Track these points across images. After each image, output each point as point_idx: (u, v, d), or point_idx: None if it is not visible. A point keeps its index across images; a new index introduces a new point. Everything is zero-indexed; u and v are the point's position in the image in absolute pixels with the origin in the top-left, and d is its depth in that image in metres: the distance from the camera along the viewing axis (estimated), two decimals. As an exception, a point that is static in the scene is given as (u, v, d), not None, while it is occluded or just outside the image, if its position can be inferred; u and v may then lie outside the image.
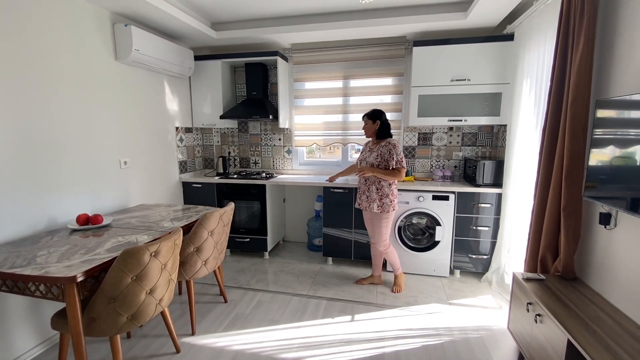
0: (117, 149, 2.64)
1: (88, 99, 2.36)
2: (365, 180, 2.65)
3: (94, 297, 1.50)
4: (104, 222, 2.10)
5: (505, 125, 2.99)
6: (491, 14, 2.63)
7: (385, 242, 2.68)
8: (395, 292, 2.75)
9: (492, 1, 2.40)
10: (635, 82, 1.50)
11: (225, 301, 2.61)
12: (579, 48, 1.68)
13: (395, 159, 2.52)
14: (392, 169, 2.53)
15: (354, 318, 2.39)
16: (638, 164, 1.38)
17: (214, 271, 2.49)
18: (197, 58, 3.46)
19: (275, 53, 3.34)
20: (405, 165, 2.55)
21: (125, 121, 2.73)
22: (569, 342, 1.37)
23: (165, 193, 3.27)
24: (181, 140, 3.52)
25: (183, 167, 3.57)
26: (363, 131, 2.69)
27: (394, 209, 2.61)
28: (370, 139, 2.74)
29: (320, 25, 3.01)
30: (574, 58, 1.72)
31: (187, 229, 2.17)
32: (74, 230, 2.02)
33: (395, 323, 2.32)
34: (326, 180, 3.10)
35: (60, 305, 2.07)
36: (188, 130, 3.65)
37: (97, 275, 1.58)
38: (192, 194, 3.53)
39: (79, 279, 1.39)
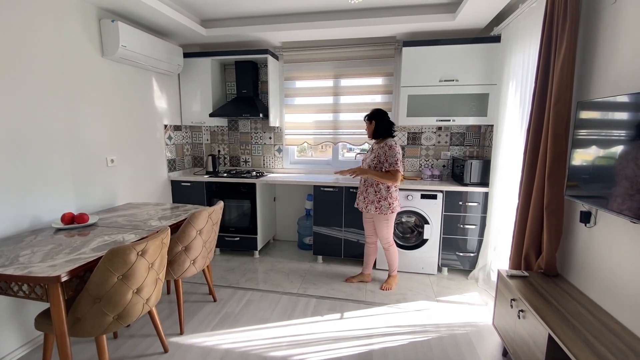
0: (103, 146, 2.60)
1: (73, 96, 2.32)
2: (364, 181, 2.65)
3: (79, 297, 1.48)
4: (90, 221, 2.07)
5: (492, 126, 3.04)
6: (479, 15, 2.68)
7: (389, 240, 2.72)
8: (384, 290, 2.77)
9: (480, 3, 2.43)
10: (616, 84, 1.55)
11: (215, 300, 2.60)
12: (562, 51, 1.72)
13: (388, 161, 2.48)
14: (386, 171, 2.50)
15: (343, 316, 2.41)
16: (616, 164, 1.43)
17: (203, 270, 2.47)
18: (187, 55, 3.42)
19: (265, 51, 3.32)
20: (400, 168, 2.47)
21: (112, 118, 2.68)
22: (549, 336, 1.41)
23: (153, 192, 3.23)
24: (170, 138, 3.48)
25: (172, 165, 3.53)
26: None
27: (392, 212, 2.58)
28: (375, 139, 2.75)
29: (310, 25, 3.01)
30: (557, 61, 1.76)
31: (176, 228, 2.15)
32: (59, 229, 1.98)
33: (383, 320, 2.35)
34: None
35: (44, 306, 2.03)
36: (177, 128, 3.61)
37: (82, 275, 1.56)
38: (180, 193, 3.49)
39: (63, 279, 1.37)
